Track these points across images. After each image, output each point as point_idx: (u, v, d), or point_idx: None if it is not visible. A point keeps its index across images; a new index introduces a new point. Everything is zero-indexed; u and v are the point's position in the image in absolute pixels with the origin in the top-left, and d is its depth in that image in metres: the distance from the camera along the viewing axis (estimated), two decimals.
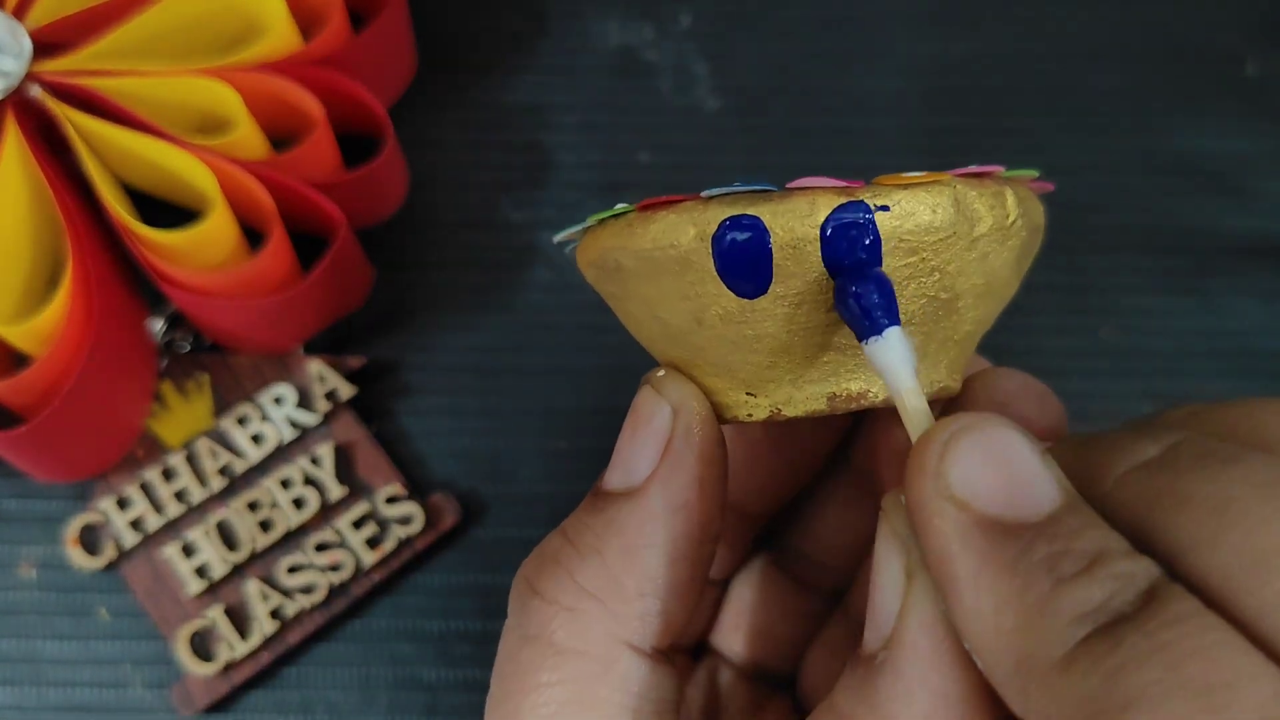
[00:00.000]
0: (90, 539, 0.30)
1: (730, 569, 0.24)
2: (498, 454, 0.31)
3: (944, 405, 0.21)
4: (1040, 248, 0.20)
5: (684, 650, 0.24)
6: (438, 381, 0.32)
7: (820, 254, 0.17)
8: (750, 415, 0.19)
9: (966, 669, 0.15)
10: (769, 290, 0.17)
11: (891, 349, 0.17)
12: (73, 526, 0.30)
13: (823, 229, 0.17)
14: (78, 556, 0.30)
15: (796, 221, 0.17)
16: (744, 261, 0.17)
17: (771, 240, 0.17)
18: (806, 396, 0.19)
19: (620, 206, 0.19)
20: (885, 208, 0.17)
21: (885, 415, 0.23)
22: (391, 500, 0.30)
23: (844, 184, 0.17)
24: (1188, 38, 0.36)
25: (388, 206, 0.33)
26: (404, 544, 0.30)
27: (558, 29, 0.36)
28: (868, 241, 0.17)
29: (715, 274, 0.17)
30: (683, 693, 0.23)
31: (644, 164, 0.34)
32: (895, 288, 0.17)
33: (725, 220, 0.17)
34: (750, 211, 0.17)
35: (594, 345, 0.32)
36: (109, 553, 0.30)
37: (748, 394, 0.19)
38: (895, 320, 0.17)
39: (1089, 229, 0.34)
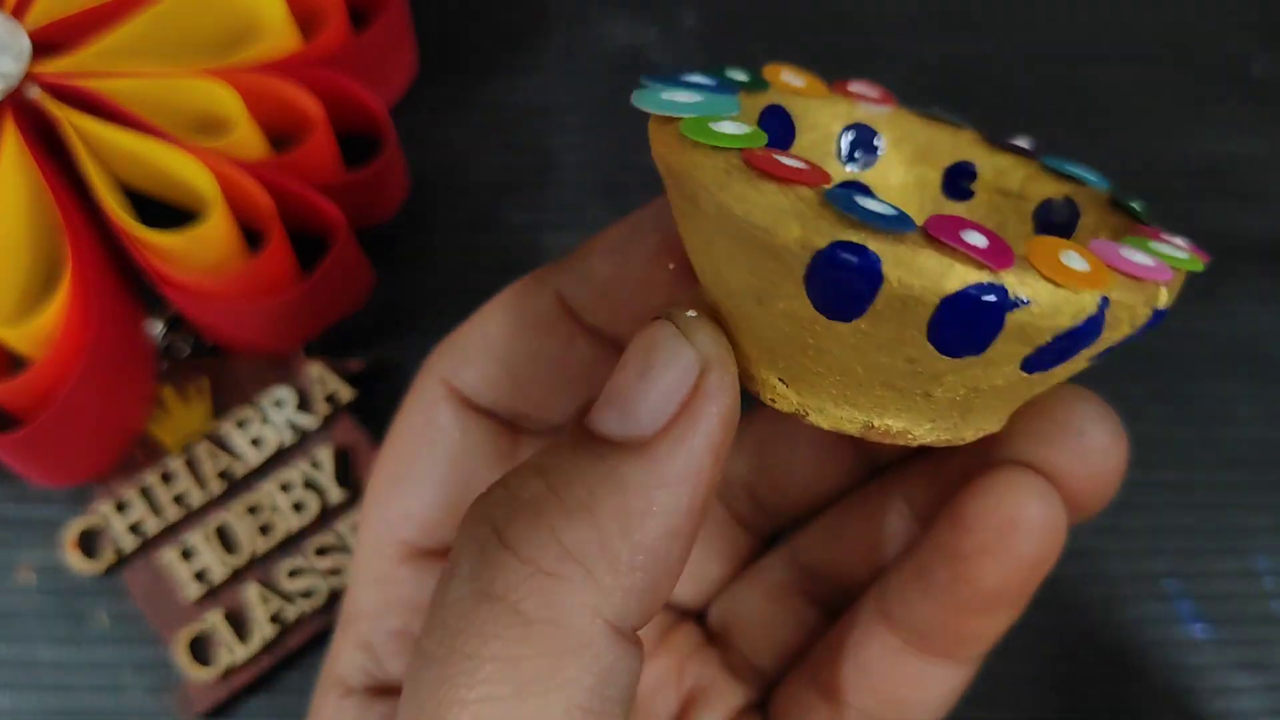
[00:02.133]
0: (89, 543, 0.30)
1: None
2: None
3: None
4: None
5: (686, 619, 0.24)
6: None
7: (928, 318, 0.15)
8: (773, 401, 0.17)
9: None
10: (852, 322, 0.15)
11: None
12: (71, 530, 0.30)
13: (943, 303, 0.14)
14: (76, 561, 0.29)
15: (918, 279, 0.14)
16: (840, 290, 0.15)
17: (881, 286, 0.14)
18: (842, 416, 0.17)
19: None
20: (1025, 301, 0.14)
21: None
22: None
23: (985, 237, 0.15)
24: (1194, 38, 0.36)
25: (388, 207, 0.33)
26: None
27: (560, 29, 0.36)
28: (986, 329, 0.15)
29: (801, 279, 0.15)
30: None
31: (647, 165, 0.34)
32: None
33: (837, 242, 0.15)
34: (871, 246, 0.14)
35: None
36: (108, 557, 0.29)
37: (780, 380, 0.17)
38: None
39: None
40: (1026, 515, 0.19)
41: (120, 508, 0.30)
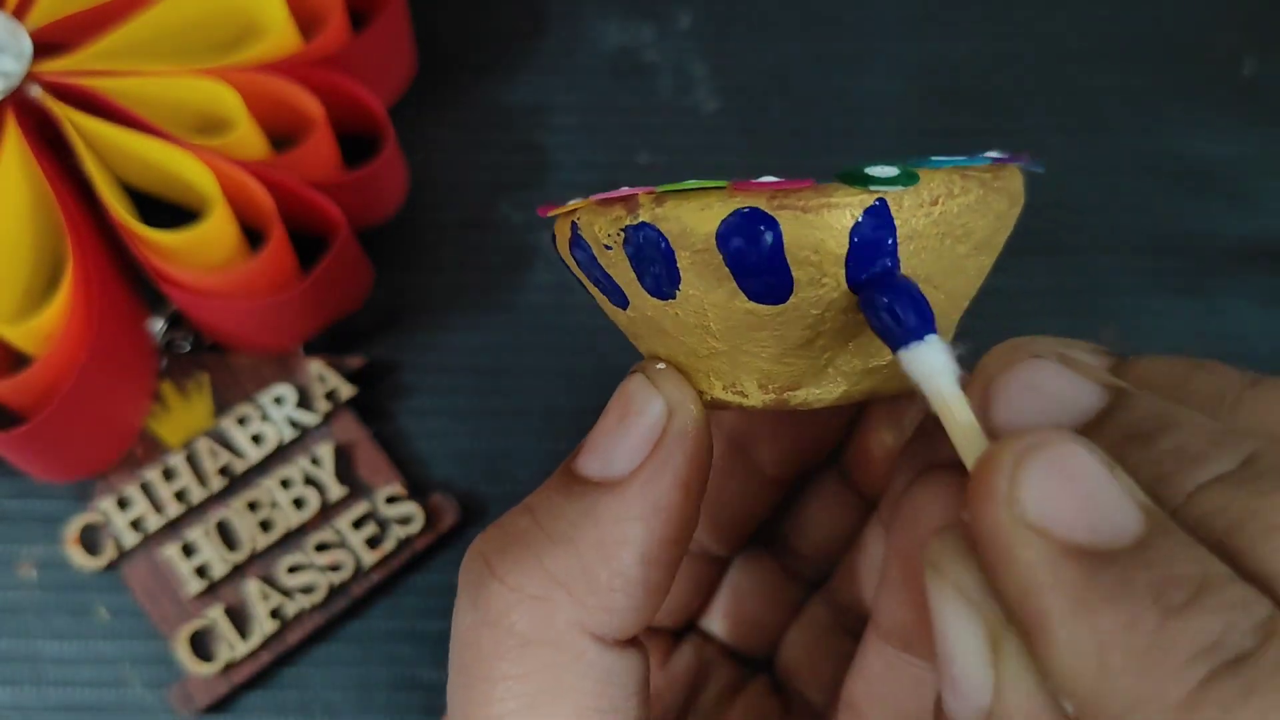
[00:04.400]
0: (90, 539, 0.30)
1: (730, 553, 0.25)
2: (497, 454, 0.31)
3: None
4: (1040, 250, 0.20)
5: (669, 630, 0.25)
6: (437, 381, 0.32)
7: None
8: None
9: None
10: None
11: (934, 356, 0.16)
12: (73, 526, 0.30)
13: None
14: (78, 556, 0.30)
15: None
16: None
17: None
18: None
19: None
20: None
21: (873, 416, 0.23)
22: (391, 500, 0.30)
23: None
24: (1184, 38, 0.36)
25: (387, 207, 0.33)
26: (404, 544, 0.30)
27: (557, 29, 0.36)
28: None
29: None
30: (659, 671, 0.24)
31: (643, 164, 0.34)
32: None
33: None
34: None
35: (593, 345, 0.32)
36: (109, 552, 0.30)
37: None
38: (932, 326, 0.16)
39: (1088, 230, 0.34)
40: (956, 512, 0.19)
41: (121, 504, 0.30)
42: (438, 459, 0.31)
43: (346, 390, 0.31)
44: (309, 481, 0.30)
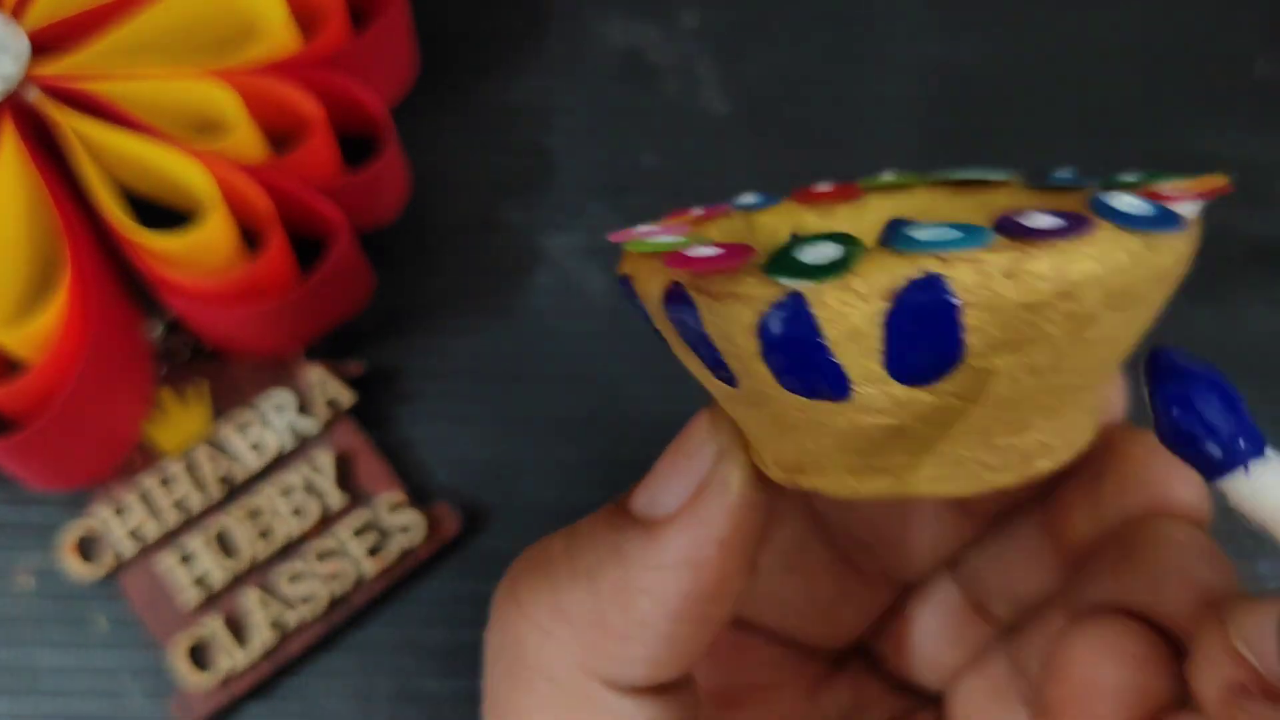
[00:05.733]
0: (88, 547, 0.30)
1: (911, 578, 0.23)
2: (500, 462, 0.31)
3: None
4: None
5: (828, 652, 0.23)
6: (439, 388, 0.32)
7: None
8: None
9: None
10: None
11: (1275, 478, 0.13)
12: (70, 535, 0.29)
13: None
14: (75, 565, 0.29)
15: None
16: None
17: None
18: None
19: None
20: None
21: (1070, 490, 0.20)
22: (393, 509, 0.30)
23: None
24: (1196, 39, 0.36)
25: (388, 209, 0.32)
26: (406, 553, 0.29)
27: (561, 29, 0.36)
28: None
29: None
30: (805, 701, 0.22)
31: (648, 167, 0.34)
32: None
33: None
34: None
35: (598, 351, 0.32)
36: (107, 561, 0.29)
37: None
38: (1260, 438, 0.13)
39: None
40: (1107, 679, 0.18)
41: (119, 512, 0.30)
42: (440, 467, 0.31)
43: (347, 397, 0.30)
44: (309, 489, 0.30)
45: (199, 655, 0.29)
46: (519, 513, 0.31)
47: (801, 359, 0.14)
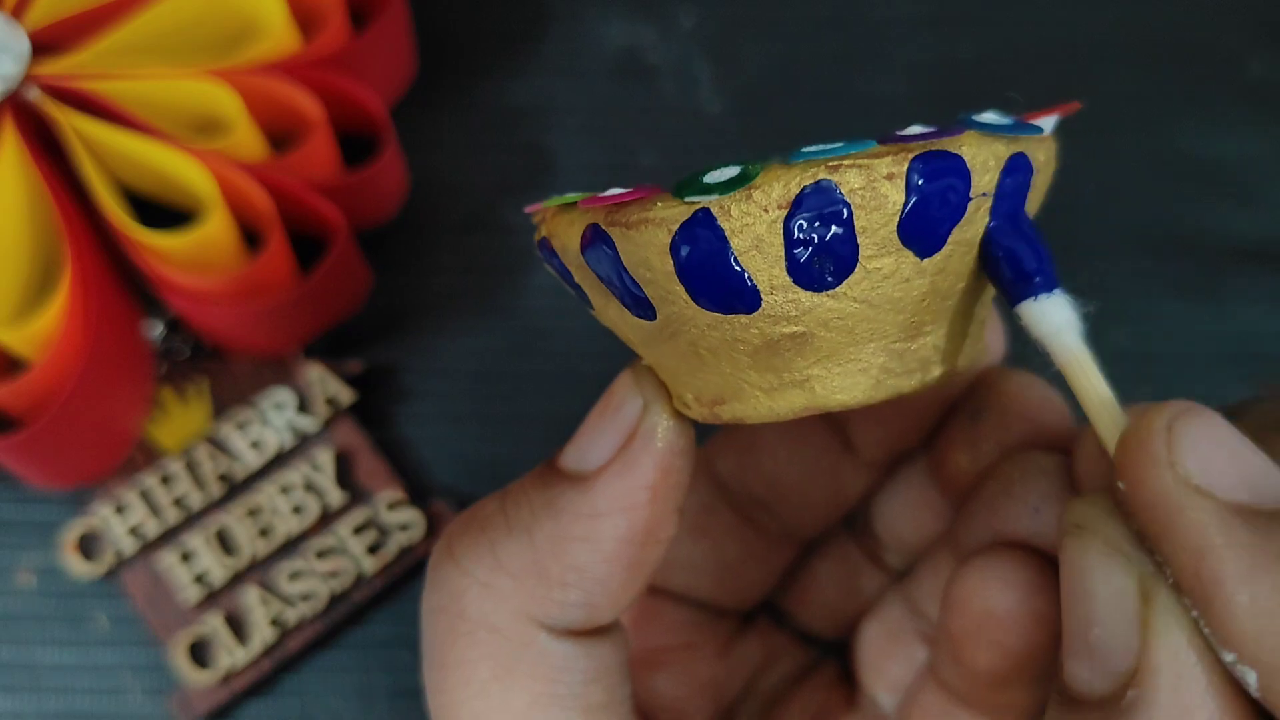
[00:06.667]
0: (89, 546, 0.30)
1: (814, 535, 0.24)
2: (499, 460, 0.31)
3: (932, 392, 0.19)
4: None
5: (738, 613, 0.24)
6: (438, 386, 0.32)
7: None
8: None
9: (1233, 693, 0.14)
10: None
11: (1058, 312, 0.15)
12: (71, 533, 0.30)
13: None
14: (76, 563, 0.29)
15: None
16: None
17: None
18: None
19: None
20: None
21: (950, 430, 0.21)
22: (392, 506, 0.30)
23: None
24: (1191, 38, 0.36)
25: (387, 209, 0.32)
26: (405, 551, 0.30)
27: (559, 30, 0.36)
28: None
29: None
30: (719, 660, 0.23)
31: (646, 166, 0.34)
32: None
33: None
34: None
35: (596, 350, 0.32)
36: (108, 560, 0.29)
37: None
38: (1055, 280, 0.15)
39: (1096, 232, 0.34)
40: (1002, 607, 0.18)
41: (120, 510, 0.30)
42: (439, 465, 0.31)
43: (346, 395, 0.31)
44: (309, 487, 0.30)
45: (199, 653, 0.29)
46: None
47: (713, 272, 0.15)
